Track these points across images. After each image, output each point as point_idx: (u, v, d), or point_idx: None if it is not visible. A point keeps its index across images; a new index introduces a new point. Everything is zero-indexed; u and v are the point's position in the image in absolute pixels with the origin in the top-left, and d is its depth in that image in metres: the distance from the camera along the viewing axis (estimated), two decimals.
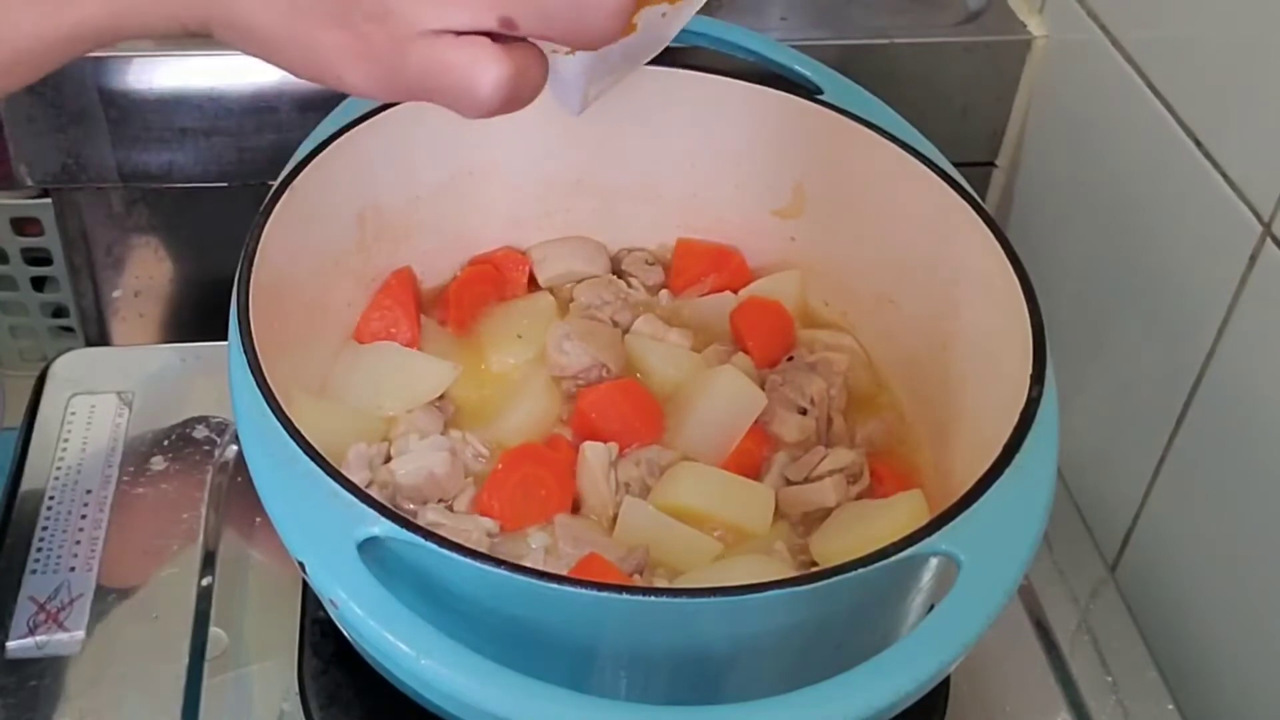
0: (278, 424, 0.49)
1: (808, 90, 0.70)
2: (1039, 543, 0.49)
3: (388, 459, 0.62)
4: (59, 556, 0.66)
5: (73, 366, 0.76)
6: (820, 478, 0.63)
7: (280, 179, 0.61)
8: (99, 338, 0.95)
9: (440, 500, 0.61)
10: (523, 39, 0.41)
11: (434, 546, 0.46)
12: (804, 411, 0.66)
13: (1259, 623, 0.67)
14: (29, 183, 0.87)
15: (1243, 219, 0.65)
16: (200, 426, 0.73)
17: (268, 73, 0.82)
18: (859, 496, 0.63)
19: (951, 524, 0.48)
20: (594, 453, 0.63)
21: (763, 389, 0.67)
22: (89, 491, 0.69)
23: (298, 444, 0.49)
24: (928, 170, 0.64)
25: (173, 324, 0.95)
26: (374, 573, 0.45)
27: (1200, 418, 0.70)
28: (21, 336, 0.99)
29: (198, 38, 0.43)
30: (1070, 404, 0.63)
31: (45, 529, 0.67)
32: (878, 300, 0.70)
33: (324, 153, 0.63)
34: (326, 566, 0.46)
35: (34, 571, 0.65)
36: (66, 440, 0.71)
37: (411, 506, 0.61)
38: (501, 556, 0.49)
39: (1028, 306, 0.57)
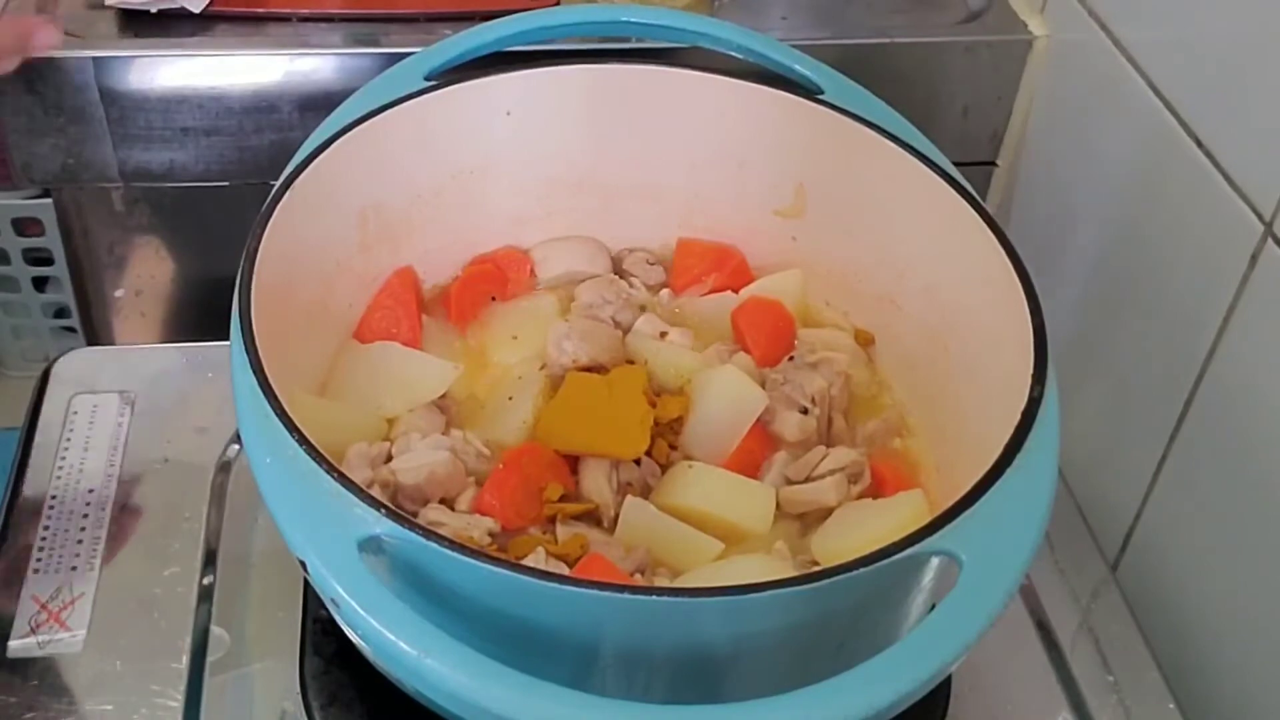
0: (279, 423, 0.49)
1: (808, 90, 0.70)
2: (1040, 542, 0.49)
3: (389, 458, 0.62)
4: (61, 556, 0.66)
5: (75, 366, 0.76)
6: (821, 477, 0.63)
7: (282, 179, 0.61)
8: (101, 338, 0.96)
9: (441, 500, 0.61)
10: None
11: (435, 546, 0.46)
12: (805, 411, 0.66)
13: (1260, 622, 0.67)
14: (30, 183, 0.87)
15: (1244, 219, 0.65)
16: (202, 426, 0.73)
17: (269, 72, 0.82)
18: (860, 496, 0.63)
19: (952, 524, 0.48)
20: None
21: (764, 388, 0.67)
22: (91, 491, 0.69)
23: (299, 443, 0.49)
24: (928, 170, 0.64)
25: (174, 324, 0.95)
26: (375, 572, 0.45)
27: (1201, 417, 0.70)
28: (23, 336, 0.99)
29: None
30: (1071, 404, 0.63)
31: (47, 528, 0.67)
32: (879, 300, 0.70)
33: (325, 152, 0.63)
34: (327, 566, 0.46)
35: (36, 571, 0.65)
36: (68, 440, 0.71)
37: (412, 506, 0.61)
38: (503, 556, 0.49)
39: (1028, 306, 0.57)
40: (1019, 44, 0.87)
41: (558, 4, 0.86)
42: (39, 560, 0.65)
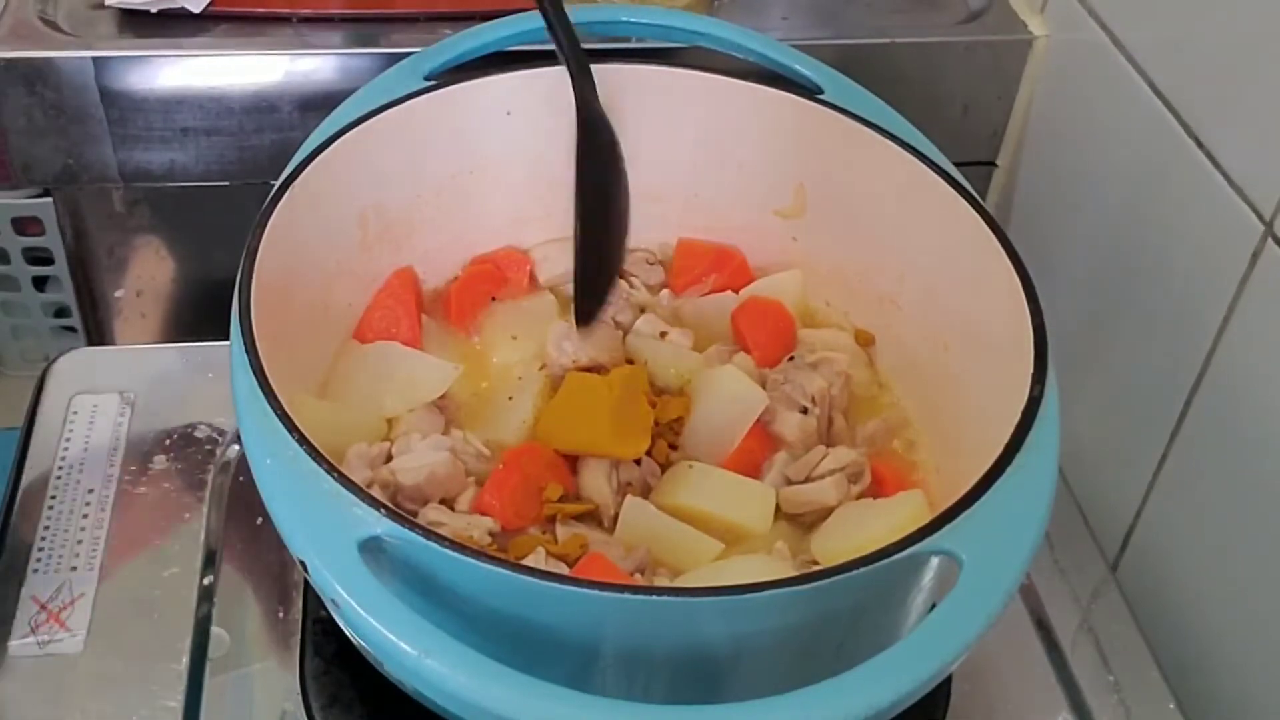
0: (279, 423, 0.49)
1: (808, 90, 0.70)
2: (1040, 542, 0.49)
3: (389, 459, 0.62)
4: (60, 556, 0.66)
5: (74, 366, 0.76)
6: (821, 477, 0.63)
7: (282, 178, 0.61)
8: (101, 337, 0.96)
9: (441, 500, 0.61)
10: None
11: (435, 546, 0.46)
12: (805, 411, 0.66)
13: (1260, 622, 0.67)
14: (30, 183, 0.87)
15: (1244, 219, 0.65)
16: (202, 426, 0.73)
17: (270, 72, 0.82)
18: (860, 496, 0.63)
19: (953, 523, 0.48)
20: None
21: (764, 388, 0.67)
22: (91, 491, 0.69)
23: (299, 443, 0.49)
24: (928, 170, 0.64)
25: (174, 324, 0.95)
26: (375, 572, 0.45)
27: (1201, 417, 0.70)
28: (23, 336, 0.99)
29: None
30: (1071, 403, 0.63)
31: (47, 529, 0.67)
32: (879, 300, 0.70)
33: (325, 152, 0.63)
34: (327, 566, 0.46)
35: (35, 571, 0.65)
36: (68, 440, 0.71)
37: (413, 506, 0.61)
38: (503, 556, 0.49)
39: (1028, 306, 0.57)
40: (1019, 44, 0.87)
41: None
42: (38, 560, 0.65)
